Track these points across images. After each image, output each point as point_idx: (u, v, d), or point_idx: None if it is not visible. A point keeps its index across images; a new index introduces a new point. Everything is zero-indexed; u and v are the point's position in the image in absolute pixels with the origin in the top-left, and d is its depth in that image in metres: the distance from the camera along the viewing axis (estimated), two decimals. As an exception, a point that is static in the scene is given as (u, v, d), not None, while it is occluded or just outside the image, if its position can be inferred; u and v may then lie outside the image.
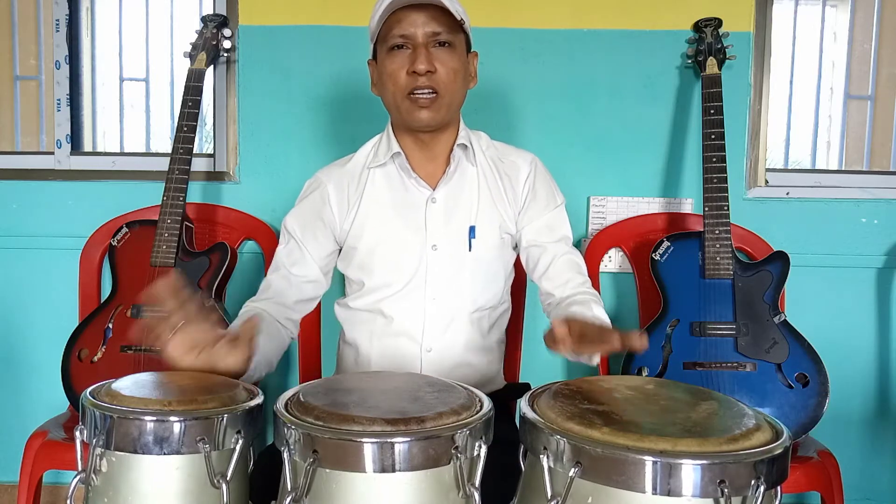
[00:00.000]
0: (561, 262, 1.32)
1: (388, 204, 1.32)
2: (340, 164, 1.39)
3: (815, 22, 2.12)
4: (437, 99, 1.22)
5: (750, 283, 1.69)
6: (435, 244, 1.30)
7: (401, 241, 1.30)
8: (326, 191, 1.34)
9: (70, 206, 2.03)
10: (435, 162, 1.33)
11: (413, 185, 1.31)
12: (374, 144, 1.38)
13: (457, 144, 1.31)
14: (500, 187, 1.34)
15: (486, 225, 1.32)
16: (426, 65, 1.19)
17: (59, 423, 1.72)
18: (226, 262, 1.75)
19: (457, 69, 1.23)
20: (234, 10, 1.98)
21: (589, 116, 1.97)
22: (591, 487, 0.70)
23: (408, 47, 1.21)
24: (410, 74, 1.20)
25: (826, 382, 1.62)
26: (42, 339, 2.04)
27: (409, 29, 1.19)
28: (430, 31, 1.20)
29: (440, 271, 1.31)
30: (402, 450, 0.73)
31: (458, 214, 1.31)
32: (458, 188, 1.32)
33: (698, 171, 1.88)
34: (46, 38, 2.10)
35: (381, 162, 1.32)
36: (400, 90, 1.23)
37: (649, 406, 0.82)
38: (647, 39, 1.95)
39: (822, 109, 2.15)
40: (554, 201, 1.37)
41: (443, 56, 1.21)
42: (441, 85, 1.21)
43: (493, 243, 1.33)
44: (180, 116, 1.83)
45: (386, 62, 1.23)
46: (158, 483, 0.82)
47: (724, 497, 0.67)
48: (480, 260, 1.32)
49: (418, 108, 1.22)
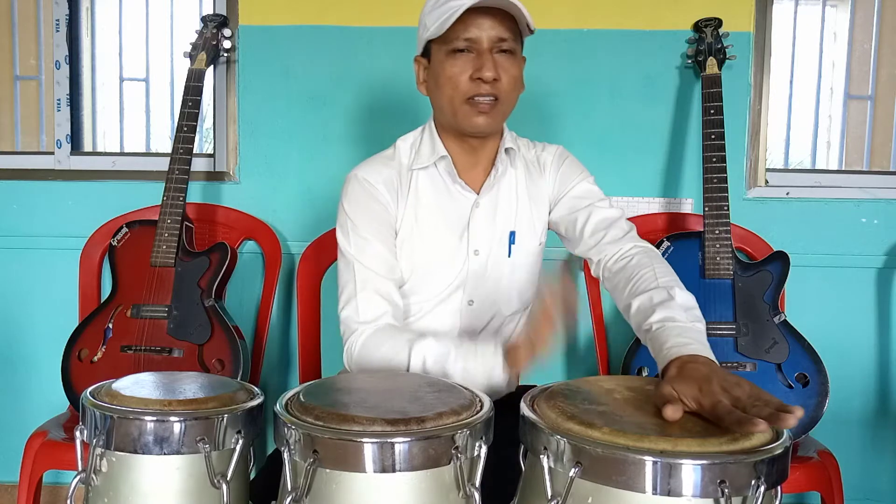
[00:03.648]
0: (599, 219, 1.27)
1: (433, 207, 1.28)
2: (382, 163, 1.30)
3: (815, 22, 2.12)
4: (496, 105, 1.18)
5: (750, 283, 1.69)
6: (477, 249, 1.28)
7: (444, 244, 1.28)
8: (377, 190, 1.27)
9: (70, 206, 2.03)
10: (479, 166, 1.30)
11: (458, 190, 1.28)
12: (412, 144, 1.32)
13: (504, 149, 1.28)
14: (535, 186, 1.32)
15: (525, 231, 1.31)
16: (493, 72, 1.15)
17: (59, 423, 1.72)
18: (226, 262, 1.75)
19: (517, 77, 1.21)
20: (234, 10, 1.98)
21: (589, 116, 1.97)
22: (591, 487, 0.70)
23: (471, 51, 1.16)
24: (474, 80, 1.16)
25: (826, 382, 1.62)
26: (42, 339, 2.04)
27: (476, 33, 1.15)
28: (495, 36, 1.15)
29: (480, 276, 1.29)
30: (403, 450, 0.73)
31: (499, 219, 1.29)
32: (500, 193, 1.30)
33: (698, 171, 1.87)
34: (46, 38, 2.10)
35: (425, 164, 1.28)
36: (460, 94, 1.18)
37: (650, 406, 0.82)
38: (647, 39, 1.95)
39: (822, 109, 2.15)
40: (583, 175, 1.34)
41: (506, 63, 1.17)
42: (503, 93, 1.18)
43: (531, 249, 1.32)
44: (180, 116, 1.83)
45: (446, 64, 1.18)
46: (158, 483, 0.83)
47: (724, 497, 0.67)
48: (518, 266, 1.31)
49: (477, 114, 1.18)
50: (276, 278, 1.90)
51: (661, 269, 1.16)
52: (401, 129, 1.46)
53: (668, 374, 0.89)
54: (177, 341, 1.69)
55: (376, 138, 1.94)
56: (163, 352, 1.69)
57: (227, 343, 1.69)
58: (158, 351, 1.69)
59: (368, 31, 1.96)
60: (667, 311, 1.04)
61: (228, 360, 1.68)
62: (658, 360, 0.98)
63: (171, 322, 1.70)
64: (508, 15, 1.15)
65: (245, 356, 1.70)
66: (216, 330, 1.70)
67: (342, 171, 2.05)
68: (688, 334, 0.97)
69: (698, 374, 0.85)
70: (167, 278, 1.74)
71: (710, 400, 0.79)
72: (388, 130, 1.92)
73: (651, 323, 1.04)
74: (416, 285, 1.28)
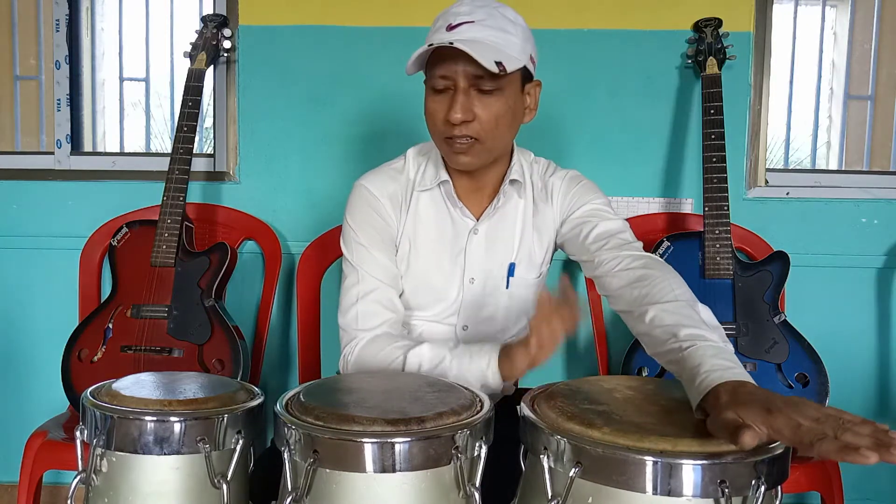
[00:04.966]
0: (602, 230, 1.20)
1: (432, 229, 1.26)
2: (391, 176, 1.28)
3: (815, 22, 2.12)
4: (475, 144, 1.14)
5: (750, 283, 1.69)
6: (473, 277, 1.27)
7: (439, 269, 1.26)
8: (381, 204, 1.26)
9: (70, 206, 2.03)
10: (482, 192, 1.27)
11: (458, 215, 1.26)
12: (420, 162, 1.29)
13: (508, 181, 1.24)
14: (541, 217, 1.28)
15: (525, 263, 1.28)
16: (462, 114, 1.09)
17: (59, 423, 1.72)
18: (226, 262, 1.75)
19: (501, 114, 1.12)
20: (234, 10, 1.98)
21: (589, 116, 1.97)
22: (591, 487, 0.70)
23: (450, 89, 1.12)
24: (446, 122, 1.12)
25: (826, 382, 1.62)
26: (42, 339, 2.04)
27: (451, 70, 1.09)
28: (471, 74, 1.09)
29: (475, 304, 1.27)
30: (403, 450, 0.73)
31: (498, 249, 1.27)
32: (501, 222, 1.27)
33: (698, 171, 1.87)
34: (46, 38, 2.10)
35: (429, 187, 1.26)
36: (438, 133, 1.16)
37: (650, 406, 0.82)
38: (647, 39, 1.95)
39: (822, 109, 2.15)
40: (596, 196, 1.28)
41: (486, 101, 1.11)
42: (481, 132, 1.12)
43: (531, 282, 1.29)
44: (180, 116, 1.83)
45: (427, 101, 1.16)
46: (159, 483, 0.83)
47: (724, 497, 0.67)
48: (516, 297, 1.29)
49: (455, 153, 1.15)
50: (276, 278, 1.90)
51: (675, 281, 1.06)
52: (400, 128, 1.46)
53: (722, 400, 0.78)
54: (177, 341, 1.69)
55: (376, 138, 1.94)
56: (163, 352, 1.69)
57: (227, 343, 1.69)
58: (158, 351, 1.69)
59: (368, 31, 1.96)
60: (695, 329, 0.94)
61: (228, 360, 1.68)
62: (693, 380, 0.85)
63: (171, 322, 1.70)
64: (490, 48, 1.08)
65: (245, 356, 1.70)
66: (216, 330, 1.70)
67: (342, 171, 2.05)
68: (725, 356, 0.90)
69: (758, 397, 0.76)
70: (167, 278, 1.74)
71: (785, 422, 0.71)
72: (388, 130, 1.93)
73: (681, 340, 0.93)
74: (412, 303, 1.28)
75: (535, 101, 1.23)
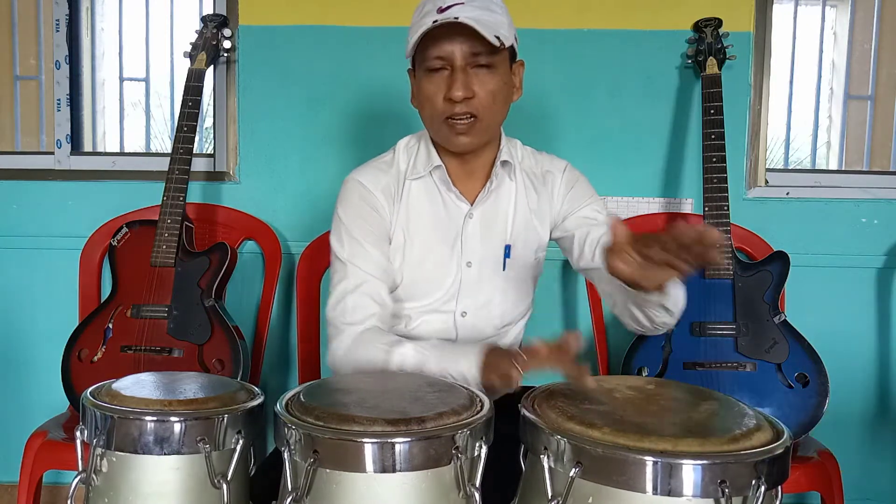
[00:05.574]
0: (599, 234, 1.24)
1: (427, 217, 1.27)
2: (381, 168, 1.29)
3: (815, 22, 2.12)
4: (475, 123, 1.16)
5: (750, 283, 1.69)
6: (469, 261, 1.27)
7: (436, 255, 1.27)
8: (374, 198, 1.26)
9: (70, 206, 2.03)
10: (474, 176, 1.28)
11: (452, 200, 1.27)
12: (410, 152, 1.31)
13: (499, 161, 1.26)
14: (537, 201, 1.30)
15: (521, 244, 1.29)
16: (463, 91, 1.12)
17: (59, 423, 1.72)
18: (226, 262, 1.75)
19: (497, 90, 1.16)
20: (234, 10, 1.98)
21: (589, 116, 1.97)
22: (591, 487, 0.70)
23: (446, 69, 1.14)
24: (447, 101, 1.14)
25: (826, 382, 1.62)
26: (42, 339, 2.04)
27: (447, 50, 1.12)
28: (468, 51, 1.12)
29: (472, 288, 1.28)
30: (403, 450, 0.73)
31: (494, 232, 1.28)
32: (495, 205, 1.28)
33: (698, 171, 1.88)
34: (46, 38, 2.10)
35: (421, 174, 1.27)
36: (437, 115, 1.17)
37: (650, 406, 0.82)
38: (647, 39, 1.95)
39: (822, 109, 2.15)
40: (593, 197, 1.32)
41: (483, 78, 1.14)
42: (480, 109, 1.15)
43: (527, 263, 1.31)
44: (180, 116, 1.83)
45: (423, 84, 1.17)
46: (159, 483, 0.82)
47: (724, 497, 0.67)
48: (512, 280, 1.29)
49: (456, 134, 1.17)
50: (276, 278, 1.90)
51: None
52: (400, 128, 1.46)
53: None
54: (177, 341, 1.69)
55: (376, 138, 1.94)
56: (163, 352, 1.69)
57: (227, 343, 1.69)
58: (158, 351, 1.69)
59: (368, 31, 1.96)
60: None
61: (228, 360, 1.68)
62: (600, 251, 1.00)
63: (171, 322, 1.70)
64: (486, 25, 1.11)
65: (245, 356, 1.70)
66: (216, 330, 1.70)
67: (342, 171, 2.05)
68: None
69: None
70: (167, 278, 1.74)
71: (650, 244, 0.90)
72: (388, 130, 1.93)
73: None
74: (409, 293, 1.28)
75: (521, 80, 1.26)
